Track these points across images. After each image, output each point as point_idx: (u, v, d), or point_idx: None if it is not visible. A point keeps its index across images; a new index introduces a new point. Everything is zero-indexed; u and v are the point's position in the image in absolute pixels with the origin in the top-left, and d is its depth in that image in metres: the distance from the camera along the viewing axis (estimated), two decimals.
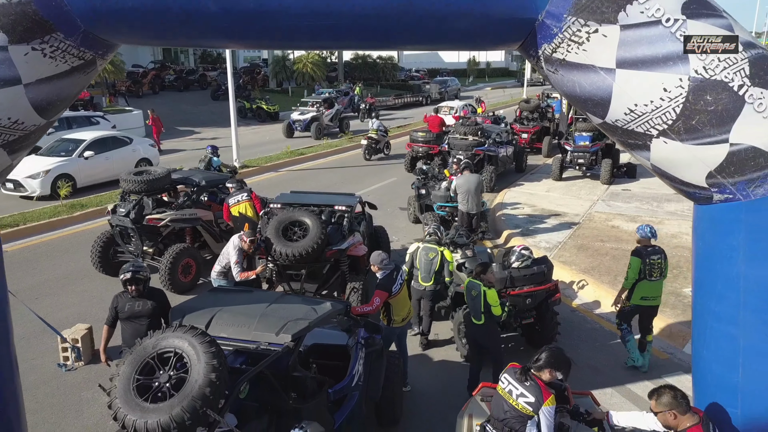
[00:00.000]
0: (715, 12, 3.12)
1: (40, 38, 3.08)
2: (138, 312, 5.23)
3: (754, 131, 3.07)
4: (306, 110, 25.45)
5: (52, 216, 12.10)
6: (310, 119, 24.38)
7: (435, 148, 16.70)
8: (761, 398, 3.42)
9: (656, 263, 6.25)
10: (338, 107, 26.80)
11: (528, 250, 6.75)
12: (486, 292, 5.85)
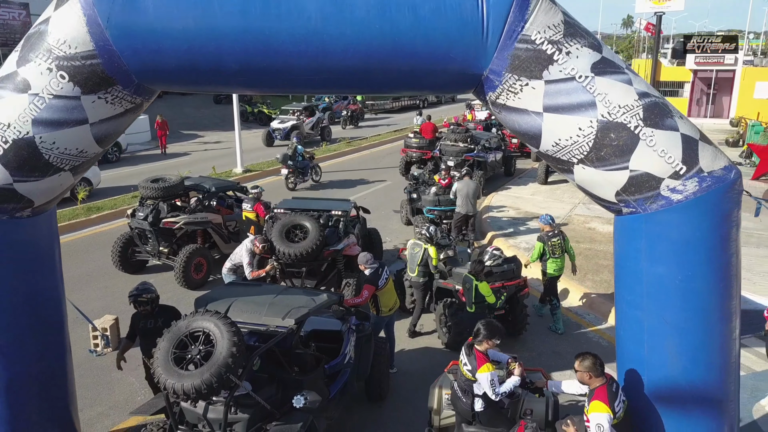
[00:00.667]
0: (618, 70, 4.08)
1: (104, 90, 4.05)
2: (150, 329, 5.64)
3: (647, 161, 4.03)
4: (286, 118, 25.28)
5: (71, 219, 13.06)
6: (290, 127, 24.07)
7: (428, 154, 17.64)
8: (661, 368, 4.38)
9: (557, 244, 7.98)
10: (319, 115, 26.84)
11: (499, 251, 7.72)
12: (477, 285, 6.89)
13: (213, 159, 21.00)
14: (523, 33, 3.93)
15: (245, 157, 19.57)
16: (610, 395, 4.21)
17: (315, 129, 25.84)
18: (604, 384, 4.25)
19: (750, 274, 10.04)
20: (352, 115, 30.82)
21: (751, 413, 6.46)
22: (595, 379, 4.27)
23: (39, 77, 3.96)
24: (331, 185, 17.28)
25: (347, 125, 30.24)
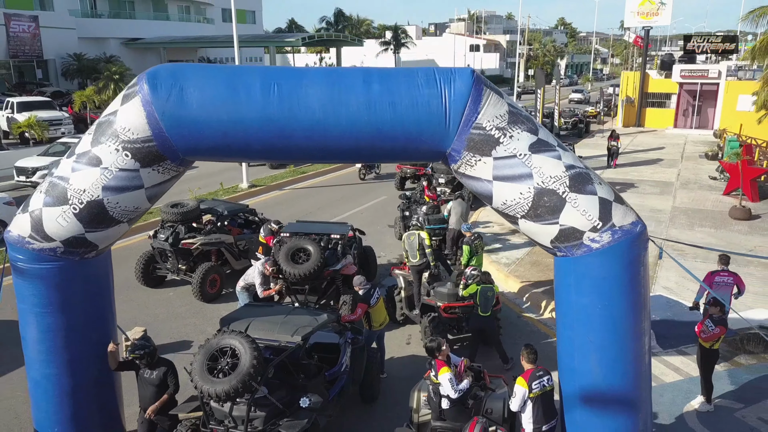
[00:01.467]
0: (551, 148, 5.32)
1: (157, 164, 5.29)
2: (146, 380, 6.25)
3: (572, 218, 5.26)
4: None
5: None
6: None
7: (421, 170, 18.89)
8: (587, 375, 5.62)
9: (479, 245, 10.23)
10: None
11: (476, 270, 8.97)
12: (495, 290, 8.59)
13: (220, 173, 22.23)
14: (477, 122, 5.18)
15: (249, 172, 20.75)
16: (531, 377, 5.81)
17: None
18: (531, 370, 5.79)
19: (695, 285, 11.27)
20: None
21: (682, 410, 7.71)
22: (526, 364, 5.80)
23: (108, 155, 5.20)
24: (331, 201, 18.50)
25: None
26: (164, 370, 6.29)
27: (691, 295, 10.76)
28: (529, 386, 5.74)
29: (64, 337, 5.87)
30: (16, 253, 5.65)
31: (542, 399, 5.80)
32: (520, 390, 5.75)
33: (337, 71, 5.42)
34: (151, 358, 6.28)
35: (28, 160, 19.58)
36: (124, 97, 5.26)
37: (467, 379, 5.94)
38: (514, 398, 5.83)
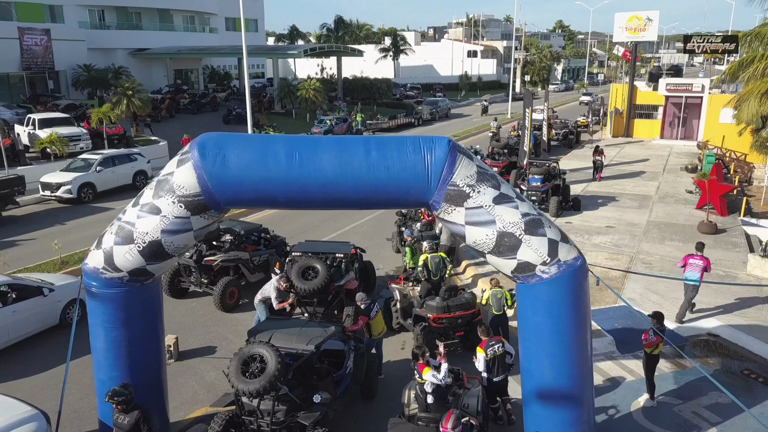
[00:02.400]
0: (510, 200, 6.81)
1: (204, 212, 6.80)
2: (119, 424, 6.72)
3: (527, 254, 6.76)
4: None
5: None
6: None
7: None
8: (541, 377, 7.11)
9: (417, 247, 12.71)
10: None
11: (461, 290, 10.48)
12: (505, 294, 10.18)
13: None
14: (452, 181, 6.68)
15: None
16: (486, 345, 8.12)
17: None
18: (486, 340, 8.08)
19: (662, 300, 12.82)
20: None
21: (630, 406, 9.22)
22: (483, 337, 8.10)
23: (166, 206, 6.71)
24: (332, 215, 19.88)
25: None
26: (137, 416, 6.70)
27: (652, 306, 12.31)
28: (485, 351, 8.25)
29: (126, 347, 7.38)
30: (90, 281, 7.16)
31: (495, 360, 8.28)
32: (480, 355, 8.27)
33: (344, 141, 6.94)
34: (126, 404, 6.70)
35: (52, 175, 21.08)
36: (179, 162, 6.77)
37: (444, 365, 7.40)
38: (478, 362, 8.10)
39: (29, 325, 10.78)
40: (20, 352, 10.79)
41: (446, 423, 6.61)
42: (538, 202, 19.54)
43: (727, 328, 11.49)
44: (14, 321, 10.54)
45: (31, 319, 10.78)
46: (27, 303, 10.77)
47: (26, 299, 10.79)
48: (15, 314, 10.55)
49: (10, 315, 10.49)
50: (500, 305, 10.25)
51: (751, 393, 9.51)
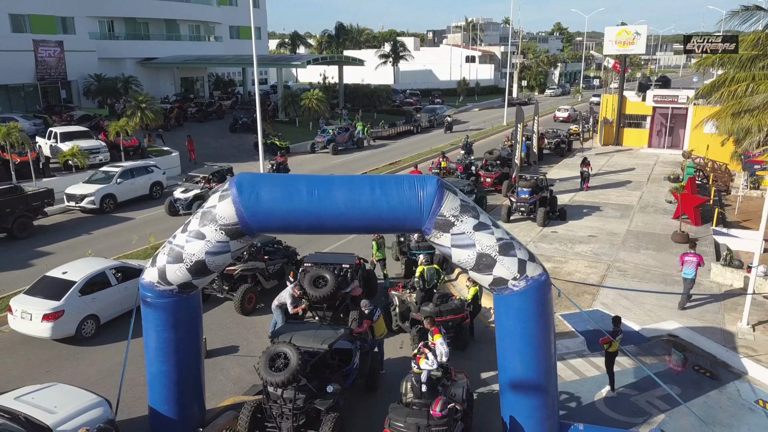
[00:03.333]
0: (487, 227, 8.42)
1: (240, 238, 8.43)
2: None
3: (500, 271, 8.38)
4: (190, 187, 22.79)
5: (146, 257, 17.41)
6: (192, 198, 22.10)
7: None
8: (514, 371, 8.73)
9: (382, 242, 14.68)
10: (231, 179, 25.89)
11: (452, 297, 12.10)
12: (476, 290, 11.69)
13: None
14: (440, 213, 8.29)
15: None
16: (441, 331, 9.34)
17: None
18: (437, 328, 9.32)
19: (631, 305, 14.44)
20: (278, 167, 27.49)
21: (594, 396, 10.84)
22: (431, 327, 9.29)
23: (210, 233, 8.33)
24: None
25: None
26: None
27: (622, 310, 13.95)
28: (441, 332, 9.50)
29: (174, 346, 9.01)
30: (146, 292, 8.79)
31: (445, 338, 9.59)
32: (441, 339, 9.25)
33: (353, 180, 8.57)
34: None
35: (76, 187, 22.69)
36: (220, 197, 8.39)
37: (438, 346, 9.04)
38: (443, 345, 9.11)
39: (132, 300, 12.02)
40: (83, 351, 12.42)
41: (435, 407, 8.23)
42: (527, 213, 21.18)
43: (684, 329, 13.10)
44: (125, 295, 13.30)
45: (133, 295, 12.02)
46: (132, 282, 13.33)
47: (130, 279, 13.50)
48: (126, 290, 13.30)
49: (123, 290, 13.36)
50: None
51: (698, 385, 11.14)
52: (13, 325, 12.71)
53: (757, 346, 12.31)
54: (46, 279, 13.13)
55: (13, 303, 12.73)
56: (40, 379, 10.62)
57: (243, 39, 61.39)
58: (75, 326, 12.61)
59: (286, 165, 27.77)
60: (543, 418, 8.85)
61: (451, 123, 48.14)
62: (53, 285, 12.81)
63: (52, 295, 12.51)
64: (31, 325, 12.31)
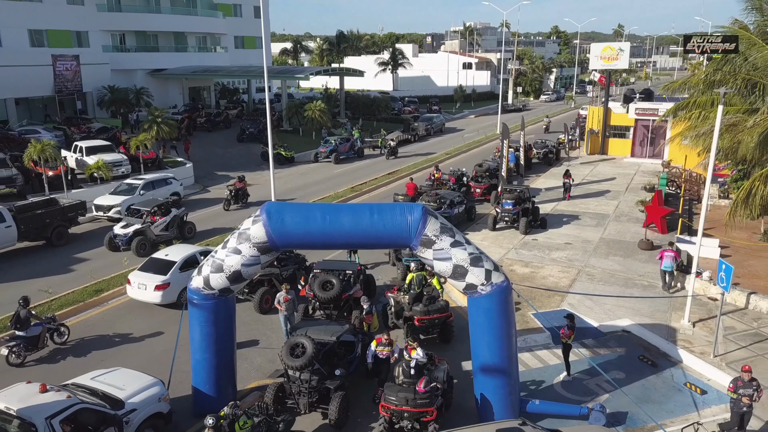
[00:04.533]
0: (461, 245, 10.78)
1: (269, 253, 10.80)
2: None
3: (471, 279, 10.72)
4: (131, 221, 21.56)
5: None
6: (132, 234, 20.97)
7: None
8: (484, 357, 11.10)
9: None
10: (178, 211, 22.54)
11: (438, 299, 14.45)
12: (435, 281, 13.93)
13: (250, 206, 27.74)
14: (424, 233, 10.65)
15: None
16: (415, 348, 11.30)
17: (171, 228, 22.01)
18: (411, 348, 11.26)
19: (594, 305, 16.80)
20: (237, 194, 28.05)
21: (553, 380, 13.19)
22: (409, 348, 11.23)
23: (245, 249, 10.69)
24: None
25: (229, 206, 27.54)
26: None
27: (586, 309, 16.32)
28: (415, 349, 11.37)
29: (214, 338, 11.38)
30: (192, 295, 11.16)
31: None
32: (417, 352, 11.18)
33: (356, 208, 10.96)
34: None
35: (103, 198, 25.05)
36: (253, 221, 10.75)
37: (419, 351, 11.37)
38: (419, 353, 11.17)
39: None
40: (133, 343, 14.78)
41: (420, 384, 10.59)
42: (511, 222, 23.53)
43: (636, 326, 15.45)
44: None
45: None
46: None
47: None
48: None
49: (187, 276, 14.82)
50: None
51: (641, 372, 13.49)
52: (130, 294, 16.61)
53: (694, 339, 14.67)
54: (153, 259, 16.96)
55: (131, 277, 16.55)
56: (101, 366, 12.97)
57: (247, 48, 63.85)
58: (176, 295, 16.08)
59: (245, 190, 28.05)
60: (506, 394, 11.21)
61: (395, 147, 41.41)
62: (160, 264, 16.63)
63: (160, 271, 16.36)
64: (146, 293, 16.20)
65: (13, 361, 13.62)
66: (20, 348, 13.65)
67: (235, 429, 9.43)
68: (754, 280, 18.26)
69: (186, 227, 22.78)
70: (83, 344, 14.86)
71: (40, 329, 14.02)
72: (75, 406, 9.49)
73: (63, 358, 14.22)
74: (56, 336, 14.51)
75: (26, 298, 14.18)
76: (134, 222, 21.46)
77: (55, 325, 14.49)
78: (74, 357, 14.25)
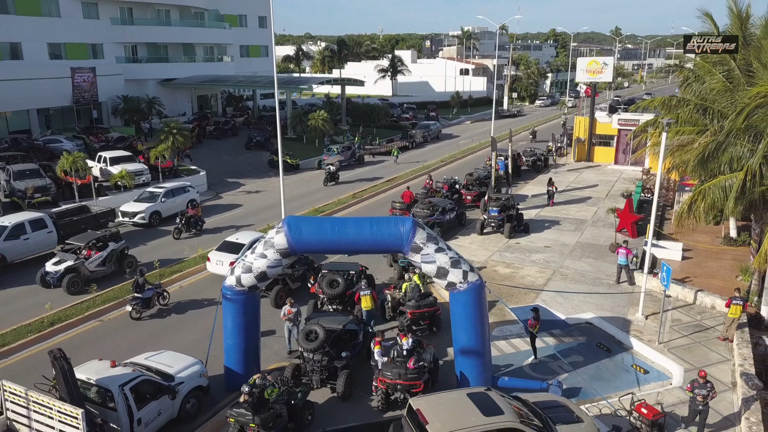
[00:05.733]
0: (444, 250, 13.39)
1: (288, 257, 13.45)
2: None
3: (452, 277, 13.34)
4: (64, 257, 20.52)
5: (194, 265, 22.39)
6: (63, 271, 19.94)
7: (407, 213, 26.92)
8: (462, 341, 13.72)
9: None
10: (116, 245, 21.57)
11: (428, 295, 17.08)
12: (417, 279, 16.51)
13: (260, 211, 30.34)
14: (414, 241, 13.27)
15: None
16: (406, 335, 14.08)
17: (109, 263, 21.21)
18: (402, 334, 13.82)
19: (564, 300, 19.42)
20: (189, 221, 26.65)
21: (522, 363, 15.81)
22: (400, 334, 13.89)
23: (270, 254, 13.33)
24: None
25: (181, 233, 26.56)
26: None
27: (556, 305, 18.96)
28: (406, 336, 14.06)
29: (243, 327, 14.01)
30: (226, 291, 13.80)
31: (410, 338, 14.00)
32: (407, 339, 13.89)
33: (359, 221, 13.58)
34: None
35: (129, 205, 27.67)
36: (277, 231, 13.37)
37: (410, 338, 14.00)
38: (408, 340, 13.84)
39: None
40: (174, 329, 17.40)
41: (410, 362, 13.22)
42: (497, 227, 26.14)
43: (597, 318, 18.08)
44: None
45: None
46: None
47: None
48: None
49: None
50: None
51: (597, 356, 16.11)
52: (210, 269, 21.20)
53: (645, 330, 17.29)
54: (227, 242, 21.38)
55: (211, 255, 21.22)
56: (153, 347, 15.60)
57: (252, 57, 66.55)
58: None
59: (198, 217, 26.86)
60: (481, 372, 13.83)
61: (335, 173, 36.86)
62: (232, 245, 21.09)
63: (233, 251, 20.58)
64: (222, 268, 20.11)
65: (134, 316, 18.33)
66: (139, 306, 18.29)
67: (264, 395, 12.03)
68: (709, 280, 20.90)
69: (126, 261, 21.76)
70: (179, 306, 19.43)
71: (152, 292, 18.70)
72: (140, 377, 12.13)
73: (168, 315, 18.83)
74: (161, 299, 19.08)
75: (142, 270, 19.03)
76: (67, 258, 20.39)
77: (161, 290, 19.18)
78: (176, 314, 18.88)
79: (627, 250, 20.76)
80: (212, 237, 25.86)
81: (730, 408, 13.59)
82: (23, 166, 28.95)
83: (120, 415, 11.53)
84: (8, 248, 21.50)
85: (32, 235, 22.23)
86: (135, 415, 11.74)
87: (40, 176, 28.34)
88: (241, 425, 11.77)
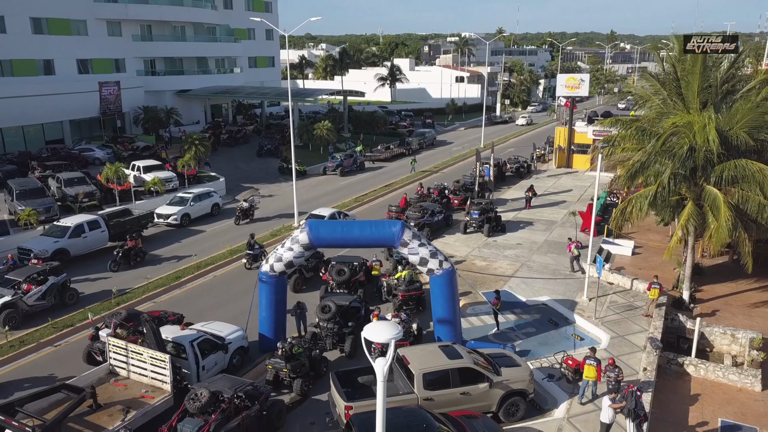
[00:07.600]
0: (425, 244, 17.96)
1: (309, 250, 18.06)
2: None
3: (431, 266, 17.87)
4: (1, 292, 20.01)
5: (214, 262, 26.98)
6: (0, 306, 19.39)
7: (401, 216, 31.49)
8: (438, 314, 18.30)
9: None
10: (56, 279, 21.13)
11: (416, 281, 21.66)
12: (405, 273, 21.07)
13: (274, 213, 34.90)
14: (403, 238, 17.84)
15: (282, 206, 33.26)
16: (397, 314, 18.46)
17: (49, 297, 20.80)
18: (394, 313, 18.43)
19: (526, 287, 24.00)
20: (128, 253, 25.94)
21: (488, 333, 20.38)
22: (392, 314, 18.43)
23: (296, 248, 17.94)
24: None
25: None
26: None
27: (522, 290, 23.55)
28: (397, 315, 18.54)
29: (274, 303, 18.61)
30: (262, 275, 18.43)
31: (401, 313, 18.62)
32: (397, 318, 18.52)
33: (361, 224, 18.19)
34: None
35: (163, 208, 32.24)
36: (301, 230, 17.96)
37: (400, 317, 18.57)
38: (397, 319, 18.51)
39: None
40: (219, 306, 21.97)
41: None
42: (477, 228, 30.70)
43: (551, 300, 22.64)
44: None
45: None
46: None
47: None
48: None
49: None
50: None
51: (546, 328, 20.69)
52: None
53: (587, 308, 21.86)
54: (313, 214, 29.25)
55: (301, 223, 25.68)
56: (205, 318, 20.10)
57: (260, 67, 71.22)
58: None
59: (138, 249, 26.31)
60: (452, 336, 18.37)
61: (248, 210, 33.34)
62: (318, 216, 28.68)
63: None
64: None
65: (248, 266, 25.71)
66: (251, 260, 25.76)
67: (293, 351, 16.59)
68: (651, 271, 25.44)
69: (67, 294, 21.50)
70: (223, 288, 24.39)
71: (260, 250, 25.69)
72: (203, 336, 16.73)
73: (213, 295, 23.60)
74: (263, 256, 24.39)
75: (252, 234, 26.68)
76: (4, 293, 19.85)
77: (263, 250, 25.88)
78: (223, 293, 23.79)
79: (577, 243, 25.31)
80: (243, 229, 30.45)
81: (638, 363, 18.17)
82: (71, 174, 33.50)
83: (190, 362, 16.10)
84: (72, 245, 26.06)
85: (90, 234, 26.80)
86: (200, 363, 16.31)
87: (86, 183, 32.89)
88: (277, 371, 16.36)
